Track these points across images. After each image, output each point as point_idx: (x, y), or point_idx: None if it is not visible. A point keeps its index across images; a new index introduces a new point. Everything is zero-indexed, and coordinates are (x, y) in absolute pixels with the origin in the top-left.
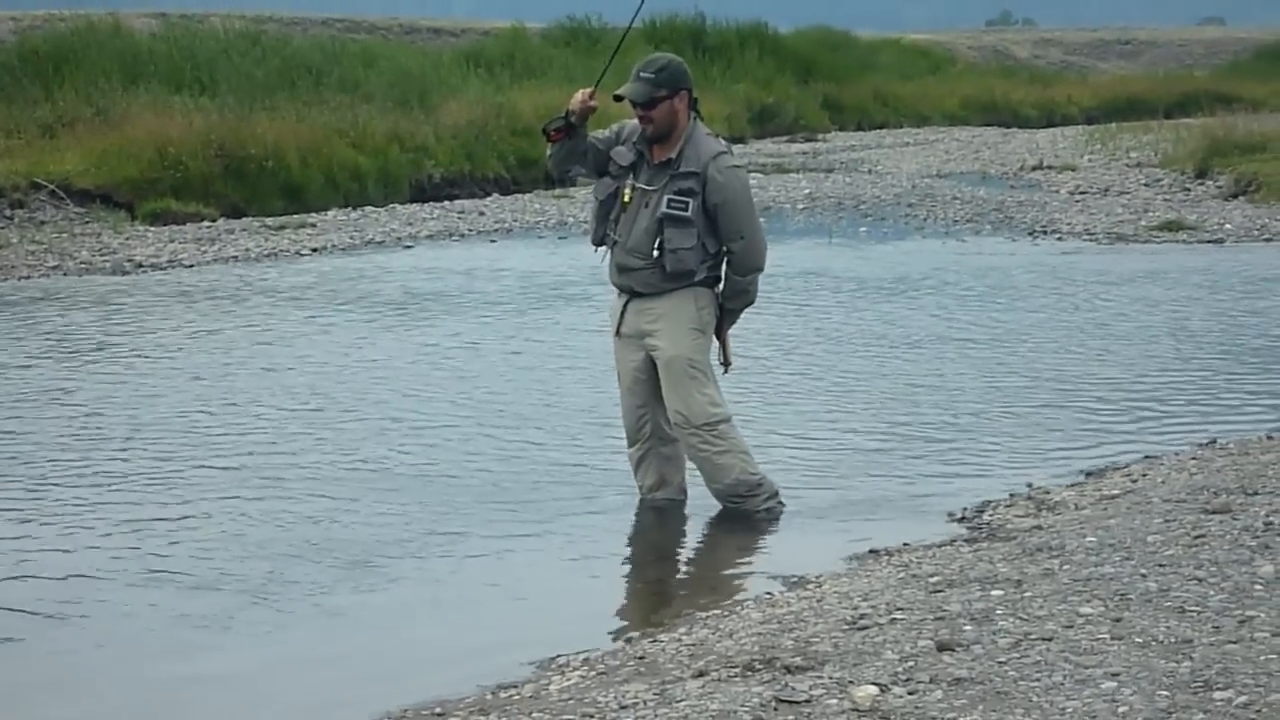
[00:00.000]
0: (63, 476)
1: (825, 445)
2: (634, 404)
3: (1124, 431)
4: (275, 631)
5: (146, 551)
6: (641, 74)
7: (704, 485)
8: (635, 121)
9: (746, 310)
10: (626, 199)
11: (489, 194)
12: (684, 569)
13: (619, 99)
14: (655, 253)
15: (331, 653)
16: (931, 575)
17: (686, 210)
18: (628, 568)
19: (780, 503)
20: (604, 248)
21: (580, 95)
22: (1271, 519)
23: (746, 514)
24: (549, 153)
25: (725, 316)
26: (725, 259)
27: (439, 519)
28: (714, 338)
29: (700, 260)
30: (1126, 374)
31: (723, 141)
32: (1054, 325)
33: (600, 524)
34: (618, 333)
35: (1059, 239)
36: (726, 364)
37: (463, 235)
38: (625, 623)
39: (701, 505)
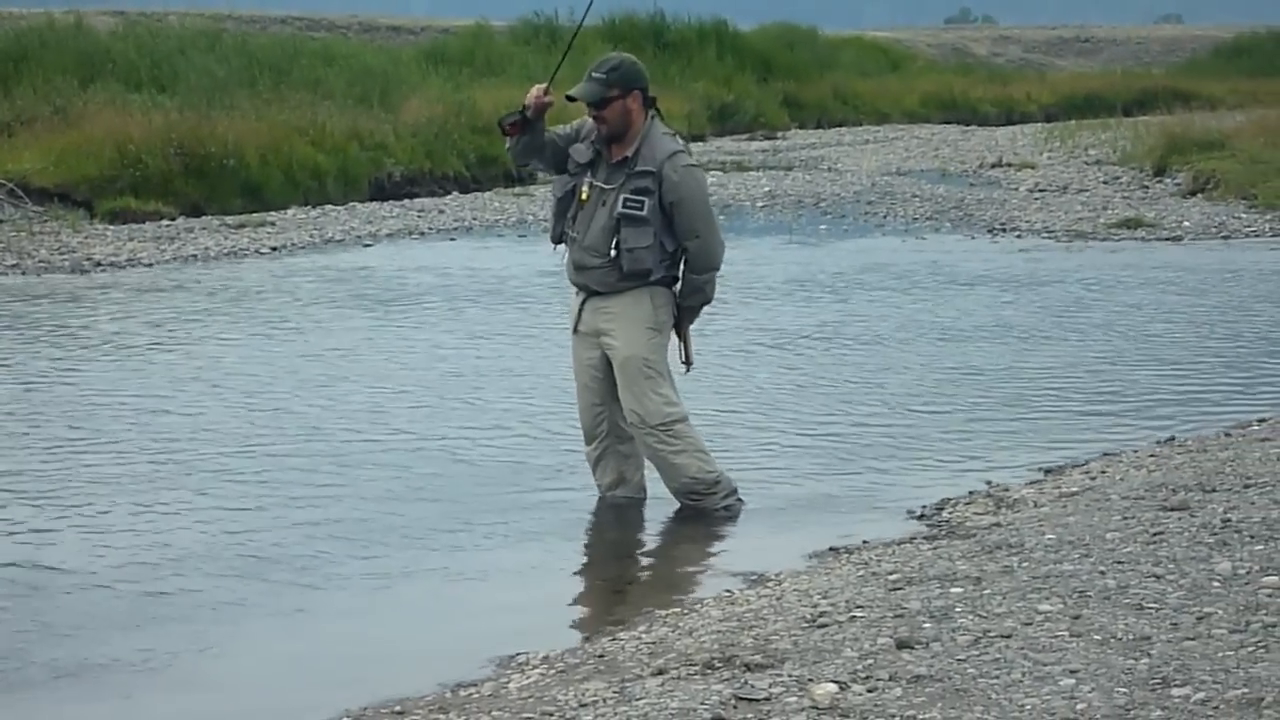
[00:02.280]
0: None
1: (784, 443)
2: (591, 402)
3: (1083, 429)
4: (235, 630)
5: (102, 553)
6: (593, 74)
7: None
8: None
9: (706, 308)
10: (584, 196)
11: (449, 192)
12: (644, 567)
13: (572, 99)
14: (612, 252)
15: (291, 651)
16: (891, 573)
17: (642, 209)
18: (587, 566)
19: (739, 500)
20: (563, 245)
21: (535, 91)
22: (1229, 516)
23: (705, 512)
24: (508, 144)
25: (684, 315)
26: (683, 258)
27: (397, 518)
28: (674, 336)
29: (658, 259)
30: (1085, 371)
31: (679, 140)
32: (1012, 322)
33: (559, 522)
34: (575, 330)
35: (1018, 236)
36: (688, 363)
37: (423, 233)
38: (585, 621)
39: (661, 503)
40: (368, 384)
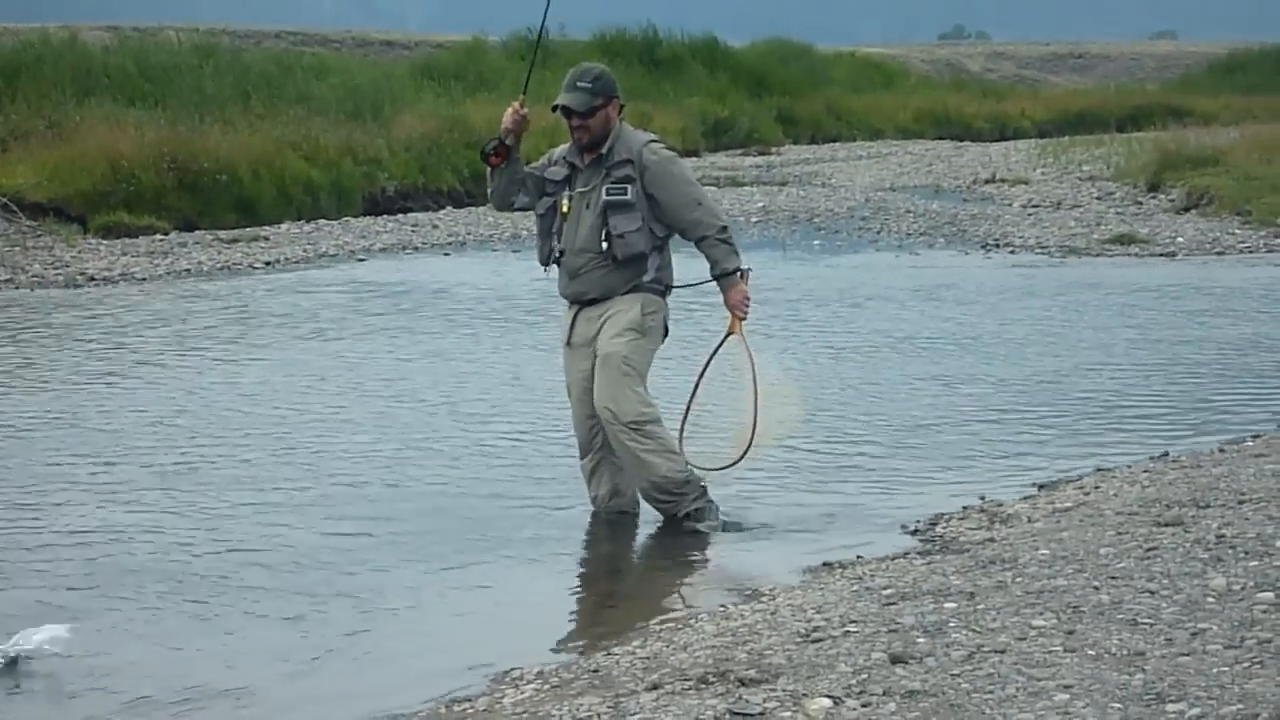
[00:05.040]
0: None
1: (778, 457)
2: (585, 414)
3: (1077, 444)
4: (226, 642)
5: (109, 562)
6: (579, 84)
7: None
8: (561, 148)
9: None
10: (565, 209)
11: (443, 207)
12: (638, 581)
13: (556, 109)
14: (604, 244)
15: (284, 665)
16: (885, 588)
17: (627, 194)
18: (581, 580)
19: (710, 502)
20: (553, 266)
21: (511, 109)
22: (1223, 532)
23: (676, 518)
24: (490, 187)
25: (725, 286)
26: (682, 242)
27: (389, 533)
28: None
29: (649, 244)
30: (1078, 387)
31: (651, 133)
32: (1005, 338)
33: (553, 536)
34: (568, 343)
35: (1011, 252)
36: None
37: (416, 248)
38: (579, 635)
39: (655, 516)
40: (359, 402)
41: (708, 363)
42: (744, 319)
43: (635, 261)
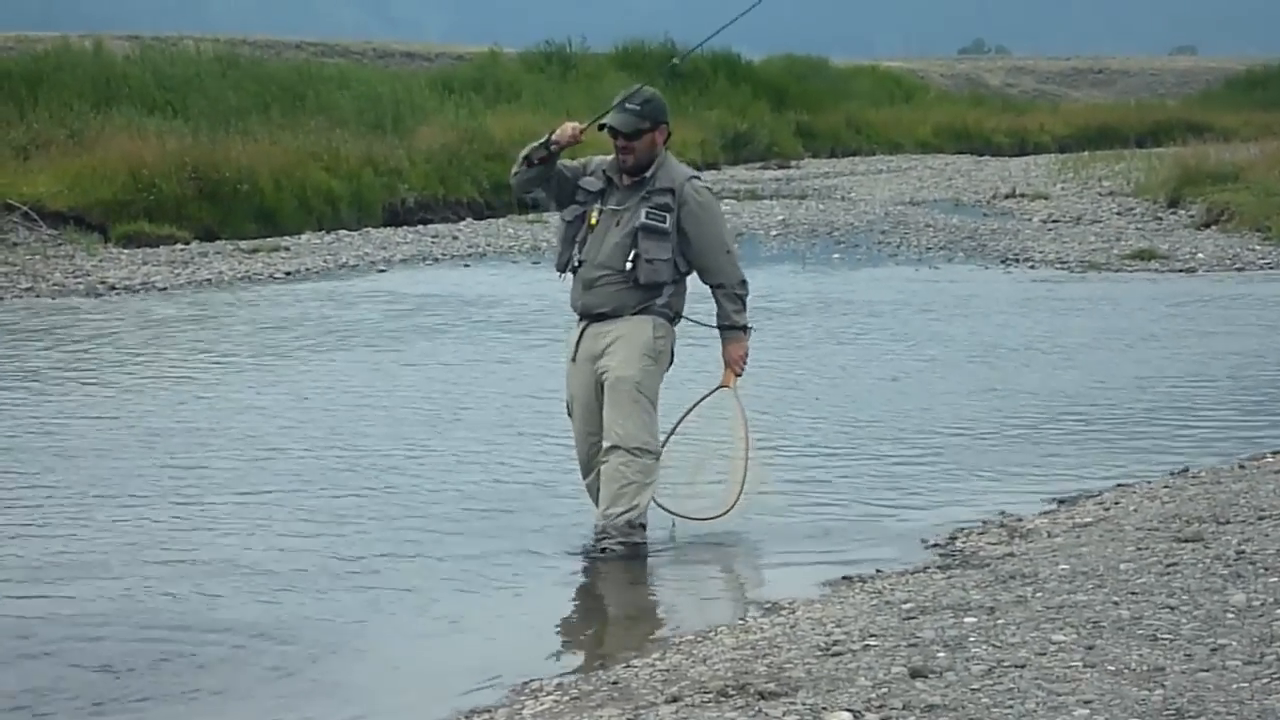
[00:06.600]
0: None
1: (798, 471)
2: (586, 431)
3: (1097, 459)
4: (249, 652)
5: (135, 562)
6: (628, 105)
7: (664, 513)
8: (601, 158)
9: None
10: (593, 221)
11: (462, 218)
12: (657, 594)
13: (603, 128)
14: (629, 265)
15: (305, 675)
16: (905, 602)
17: (664, 222)
18: (600, 592)
19: (632, 550)
20: (569, 274)
21: (571, 128)
22: (1243, 547)
23: (601, 547)
24: (514, 171)
25: (728, 337)
26: (710, 287)
27: (413, 545)
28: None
29: (671, 276)
30: (1099, 402)
31: (693, 169)
32: (1026, 354)
33: (573, 548)
34: (573, 359)
35: (1031, 267)
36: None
37: (436, 259)
38: (599, 648)
39: (665, 532)
40: (382, 413)
41: (691, 408)
42: (739, 375)
43: (653, 287)
